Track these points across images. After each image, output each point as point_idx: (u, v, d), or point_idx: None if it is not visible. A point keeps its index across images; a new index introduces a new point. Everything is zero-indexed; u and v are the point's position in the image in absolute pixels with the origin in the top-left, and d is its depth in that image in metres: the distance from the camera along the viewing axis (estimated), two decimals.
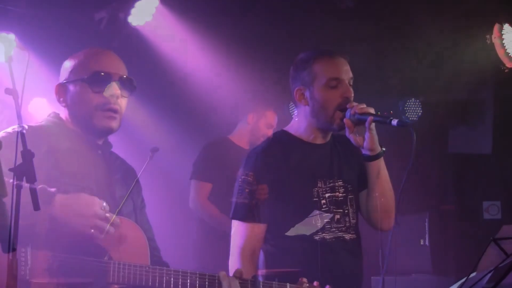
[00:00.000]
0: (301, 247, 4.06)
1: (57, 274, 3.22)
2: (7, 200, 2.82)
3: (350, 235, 4.18)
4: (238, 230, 4.14)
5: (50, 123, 3.59)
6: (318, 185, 4.16)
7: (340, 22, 6.37)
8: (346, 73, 4.16)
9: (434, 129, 7.26)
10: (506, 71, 6.38)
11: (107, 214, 3.26)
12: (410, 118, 6.97)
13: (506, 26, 6.26)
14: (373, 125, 4.06)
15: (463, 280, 3.22)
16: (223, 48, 6.39)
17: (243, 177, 4.18)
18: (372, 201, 4.23)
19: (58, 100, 3.62)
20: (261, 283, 3.49)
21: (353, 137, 4.13)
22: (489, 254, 3.14)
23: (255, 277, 3.51)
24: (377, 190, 4.20)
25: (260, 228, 4.11)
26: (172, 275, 3.33)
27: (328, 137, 4.27)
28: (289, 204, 4.11)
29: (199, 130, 6.91)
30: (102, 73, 3.56)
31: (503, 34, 6.26)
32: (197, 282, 3.36)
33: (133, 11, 5.93)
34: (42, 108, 5.97)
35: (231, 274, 3.85)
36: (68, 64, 3.66)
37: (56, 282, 3.21)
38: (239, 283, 3.41)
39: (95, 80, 3.54)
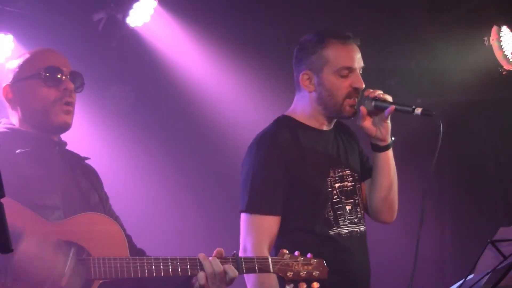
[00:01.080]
0: (316, 243, 3.87)
1: None
2: None
3: (363, 226, 4.03)
4: (252, 223, 3.87)
5: (4, 129, 3.54)
6: (330, 174, 3.98)
7: (338, 22, 6.36)
8: (359, 62, 3.98)
9: (431, 131, 7.25)
10: (504, 73, 6.38)
11: (72, 262, 3.17)
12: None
13: (504, 28, 6.26)
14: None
15: (461, 282, 3.22)
16: (222, 49, 6.39)
17: (252, 166, 3.94)
18: (378, 193, 4.07)
19: (8, 101, 3.55)
20: (242, 259, 3.37)
21: (366, 126, 3.96)
22: (486, 256, 3.14)
23: (235, 254, 3.40)
24: (385, 181, 4.05)
25: (276, 221, 3.87)
26: (153, 263, 3.29)
27: (333, 124, 4.08)
28: (304, 194, 3.90)
29: (197, 130, 6.90)
30: (54, 68, 3.51)
31: (501, 36, 6.26)
32: (179, 266, 3.31)
33: (131, 12, 5.93)
34: None
35: (248, 275, 3.82)
36: (12, 64, 3.59)
37: None
38: (221, 262, 3.33)
39: (48, 74, 3.50)
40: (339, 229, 3.94)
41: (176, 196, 6.74)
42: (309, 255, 3.53)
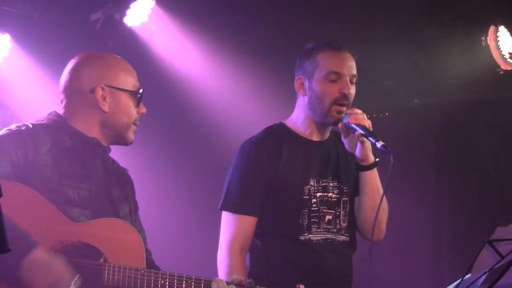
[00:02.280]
0: (285, 246, 4.01)
1: None
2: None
3: (343, 237, 4.10)
4: (228, 222, 4.05)
5: (52, 122, 3.53)
6: (310, 183, 4.08)
7: (336, 23, 6.37)
8: (349, 69, 4.07)
9: (428, 131, 7.27)
10: (501, 73, 6.38)
11: (72, 286, 3.14)
12: None
13: (502, 28, 6.26)
14: (364, 138, 3.98)
15: (458, 281, 3.22)
16: (219, 49, 6.39)
17: (234, 167, 4.11)
18: (360, 212, 4.17)
19: (101, 103, 3.53)
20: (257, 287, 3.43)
21: (346, 143, 4.09)
22: (483, 255, 3.14)
23: (251, 282, 3.43)
24: (367, 201, 4.14)
25: (251, 221, 4.03)
26: (167, 279, 3.30)
27: (327, 134, 4.18)
28: (278, 200, 4.04)
29: (196, 131, 6.90)
30: (140, 91, 3.59)
31: (498, 36, 6.26)
32: (192, 286, 3.34)
33: (128, 12, 5.93)
34: None
35: (219, 270, 3.86)
36: (106, 66, 3.60)
37: None
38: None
39: (137, 96, 3.58)
40: (311, 235, 4.03)
41: (172, 195, 6.75)
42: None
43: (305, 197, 4.06)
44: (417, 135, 7.24)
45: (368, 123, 3.98)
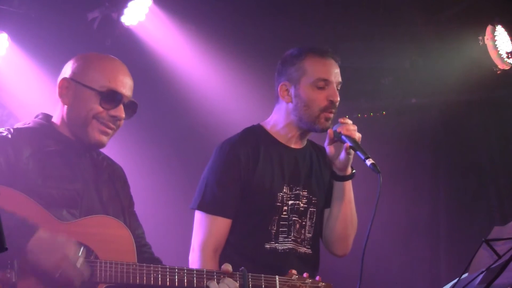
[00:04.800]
0: (251, 251, 3.95)
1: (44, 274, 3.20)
2: None
3: (304, 248, 4.06)
4: (202, 222, 3.98)
5: (37, 125, 3.53)
6: (284, 190, 4.03)
7: (334, 22, 6.37)
8: (336, 76, 4.04)
9: (425, 130, 7.27)
10: (498, 72, 6.39)
11: (80, 260, 3.19)
12: None
13: (499, 27, 6.27)
14: (351, 151, 3.94)
15: (455, 281, 3.23)
16: (216, 48, 6.39)
17: (211, 167, 4.07)
18: (331, 223, 4.12)
19: (60, 94, 3.54)
20: (250, 276, 3.43)
21: (329, 150, 4.02)
22: (481, 255, 3.15)
23: (243, 270, 3.44)
24: (338, 213, 4.09)
25: (225, 223, 3.97)
26: (159, 272, 3.32)
27: (304, 142, 4.15)
28: (251, 204, 3.99)
29: (192, 129, 6.90)
30: (116, 93, 3.50)
31: (495, 35, 6.27)
32: (185, 277, 3.34)
33: (126, 11, 5.92)
34: None
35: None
36: (82, 63, 3.57)
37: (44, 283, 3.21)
38: (227, 277, 3.38)
39: (108, 98, 3.49)
40: (277, 244, 3.99)
41: (167, 191, 6.75)
42: (317, 277, 3.58)
43: (277, 204, 4.01)
44: (414, 134, 7.25)
45: (358, 137, 3.93)
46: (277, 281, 3.49)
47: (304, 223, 4.06)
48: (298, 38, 6.33)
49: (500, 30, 6.28)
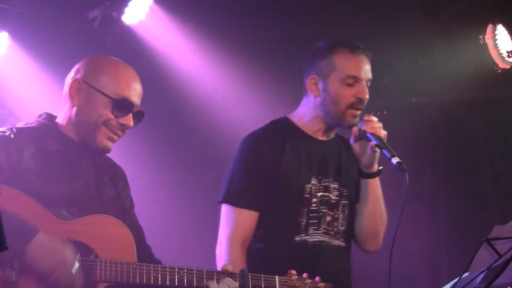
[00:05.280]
0: (280, 245, 3.94)
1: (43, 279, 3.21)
2: None
3: (338, 241, 4.03)
4: (229, 215, 3.96)
5: (40, 125, 3.54)
6: (312, 181, 4.00)
7: (334, 22, 6.37)
8: (366, 73, 4.02)
9: (426, 130, 7.27)
10: (499, 71, 6.38)
11: (76, 265, 3.20)
12: None
13: (500, 26, 6.27)
14: (377, 149, 3.91)
15: (456, 280, 3.23)
16: (217, 47, 6.38)
17: (237, 160, 4.03)
18: (361, 220, 4.11)
19: (71, 95, 3.53)
20: (249, 276, 3.43)
21: (355, 147, 4.00)
22: (481, 254, 3.15)
23: (243, 270, 3.45)
24: (366, 209, 4.08)
25: (253, 216, 3.94)
26: (159, 272, 3.32)
27: (332, 135, 4.12)
28: (278, 196, 3.96)
29: (193, 128, 6.90)
30: (129, 102, 3.51)
31: (496, 34, 6.27)
32: (185, 277, 3.35)
33: (126, 10, 5.92)
34: None
35: (219, 265, 3.84)
36: (96, 66, 3.58)
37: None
38: (227, 277, 3.38)
39: (120, 106, 3.50)
40: (307, 236, 3.97)
41: (168, 191, 6.75)
42: (317, 278, 3.58)
43: (305, 195, 3.98)
44: (415, 133, 7.24)
45: (384, 134, 3.91)
46: (277, 281, 3.48)
47: (336, 216, 4.04)
48: (298, 37, 6.33)
49: (500, 29, 6.28)
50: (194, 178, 6.87)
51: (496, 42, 6.27)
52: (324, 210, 4.01)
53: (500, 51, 6.28)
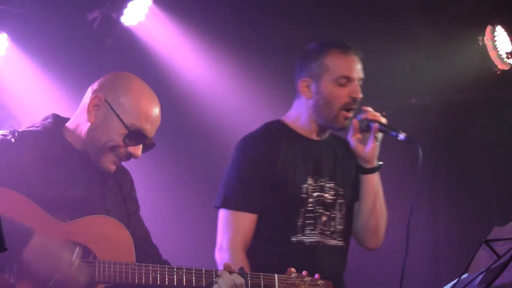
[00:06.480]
0: (277, 246, 3.93)
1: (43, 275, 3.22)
2: None
3: (335, 241, 4.04)
4: (227, 220, 3.95)
5: (44, 129, 3.52)
6: (308, 181, 4.01)
7: (333, 23, 6.37)
8: (358, 73, 4.03)
9: (426, 131, 7.27)
10: (498, 73, 6.39)
11: (76, 262, 3.21)
12: None
13: (499, 28, 6.27)
14: (379, 136, 3.94)
15: (455, 281, 3.23)
16: (217, 48, 6.38)
17: (232, 164, 4.04)
18: (362, 217, 4.11)
19: (89, 111, 3.49)
20: (248, 275, 3.43)
21: (354, 142, 4.02)
22: (480, 255, 3.15)
23: (242, 268, 3.45)
24: (367, 205, 4.08)
25: (252, 218, 3.94)
26: (158, 272, 3.32)
27: (326, 135, 4.12)
28: (276, 197, 3.96)
29: (193, 129, 6.90)
30: (142, 135, 3.50)
31: (495, 36, 6.27)
32: (184, 277, 3.35)
33: (125, 11, 5.92)
34: None
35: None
36: (121, 87, 3.52)
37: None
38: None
39: (133, 137, 3.49)
40: (303, 237, 3.97)
41: (171, 193, 6.75)
42: (316, 275, 3.58)
43: (302, 195, 3.99)
44: (414, 134, 7.20)
45: (385, 120, 3.96)
46: (276, 280, 3.49)
47: (333, 215, 4.04)
48: (298, 38, 6.32)
49: (499, 31, 6.28)
50: (194, 179, 6.87)
51: (495, 44, 6.27)
52: (320, 210, 4.01)
53: (499, 53, 6.28)
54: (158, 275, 3.31)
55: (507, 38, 6.27)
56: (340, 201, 4.07)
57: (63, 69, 5.83)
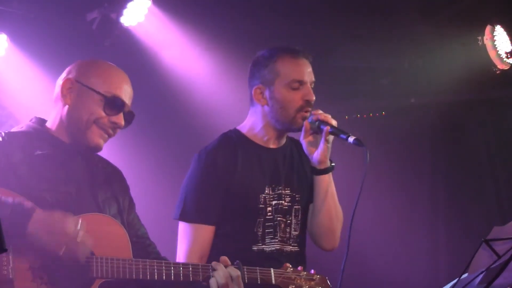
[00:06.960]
0: (238, 255, 3.80)
1: (40, 271, 3.24)
2: None
3: (290, 247, 4.05)
4: (185, 232, 3.99)
5: (30, 129, 3.56)
6: (266, 191, 4.03)
7: (332, 23, 6.37)
8: (309, 76, 4.04)
9: (424, 130, 7.28)
10: (497, 72, 6.39)
11: (81, 233, 3.24)
12: None
13: (498, 27, 6.27)
14: (330, 138, 3.95)
15: (455, 281, 3.23)
16: (216, 48, 6.39)
17: (190, 176, 4.06)
18: (316, 217, 4.11)
19: (62, 94, 3.56)
20: (245, 268, 3.49)
21: (305, 144, 4.03)
22: (480, 255, 3.15)
23: (238, 263, 3.50)
24: (322, 206, 4.08)
25: (209, 230, 3.97)
26: (155, 266, 3.36)
27: (283, 141, 4.14)
28: (234, 208, 3.99)
29: (191, 129, 6.90)
30: (120, 101, 3.55)
31: (494, 35, 6.27)
32: (181, 272, 3.39)
33: (125, 11, 5.92)
34: None
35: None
36: (88, 67, 3.63)
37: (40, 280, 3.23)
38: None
39: (112, 104, 3.54)
40: (264, 246, 3.99)
41: (166, 190, 6.75)
42: (312, 271, 3.61)
43: (260, 205, 4.00)
44: (413, 134, 7.25)
45: (335, 122, 3.96)
46: (272, 274, 3.56)
47: (289, 221, 4.06)
48: (297, 39, 6.33)
49: (499, 30, 6.28)
50: None
51: (495, 43, 6.27)
52: (279, 218, 4.03)
53: (498, 52, 6.28)
54: (155, 270, 3.36)
55: (506, 37, 6.27)
56: (296, 207, 4.09)
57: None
